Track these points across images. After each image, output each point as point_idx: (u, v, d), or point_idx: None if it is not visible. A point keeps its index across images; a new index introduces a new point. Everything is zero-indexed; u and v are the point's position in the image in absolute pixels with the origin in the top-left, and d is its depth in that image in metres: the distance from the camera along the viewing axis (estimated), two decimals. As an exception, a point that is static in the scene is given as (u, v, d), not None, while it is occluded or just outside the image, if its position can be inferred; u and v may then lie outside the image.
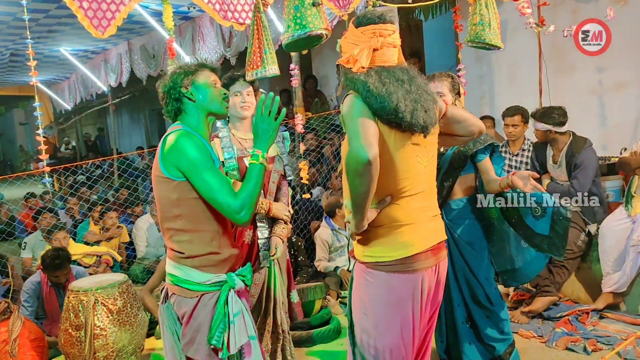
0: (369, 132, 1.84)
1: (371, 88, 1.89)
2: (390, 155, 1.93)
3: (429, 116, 1.95)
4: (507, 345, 2.98)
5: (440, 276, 2.11)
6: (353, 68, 1.95)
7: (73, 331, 3.10)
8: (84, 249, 5.12)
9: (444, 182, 2.94)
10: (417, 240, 1.99)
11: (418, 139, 1.97)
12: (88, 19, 3.87)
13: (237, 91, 2.80)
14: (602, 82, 4.98)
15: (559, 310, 3.89)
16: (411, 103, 1.90)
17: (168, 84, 2.06)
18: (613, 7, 4.16)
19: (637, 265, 3.73)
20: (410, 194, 1.99)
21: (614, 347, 3.28)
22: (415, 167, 1.99)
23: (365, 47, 1.94)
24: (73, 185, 7.19)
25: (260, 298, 2.79)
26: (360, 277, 2.05)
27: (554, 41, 4.87)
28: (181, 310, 1.99)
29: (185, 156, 1.90)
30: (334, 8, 4.49)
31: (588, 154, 3.90)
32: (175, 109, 2.06)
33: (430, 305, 2.11)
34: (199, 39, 6.95)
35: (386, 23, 1.99)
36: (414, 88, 1.94)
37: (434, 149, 2.09)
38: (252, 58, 3.12)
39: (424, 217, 2.02)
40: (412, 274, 1.98)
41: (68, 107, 12.28)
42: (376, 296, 2.01)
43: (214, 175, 1.90)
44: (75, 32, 7.13)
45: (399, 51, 2.04)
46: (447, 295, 2.97)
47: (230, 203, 1.87)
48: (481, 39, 4.07)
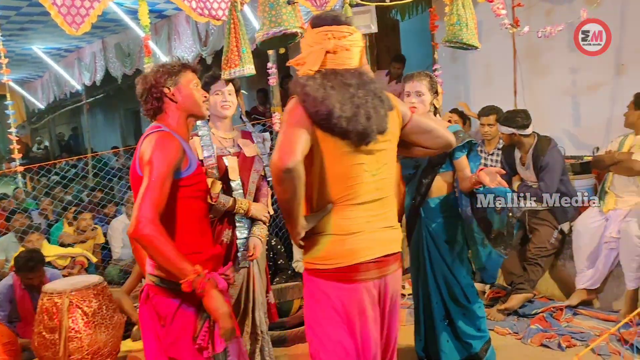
0: (294, 139, 1.79)
1: (307, 91, 1.83)
2: (330, 163, 1.87)
3: (372, 123, 1.85)
4: (484, 343, 3.02)
5: (391, 292, 1.99)
6: (299, 71, 1.91)
7: (47, 334, 3.04)
8: (58, 250, 5.03)
9: (423, 180, 2.96)
10: (357, 251, 1.90)
11: (364, 147, 1.88)
12: (62, 15, 3.80)
13: (219, 90, 2.78)
14: (575, 83, 5.07)
15: (533, 308, 3.95)
16: (351, 109, 1.82)
17: (149, 82, 2.03)
18: (586, 8, 4.24)
19: (610, 262, 3.82)
20: (354, 203, 1.90)
21: (588, 343, 3.35)
22: (359, 176, 1.90)
23: (317, 49, 1.88)
24: (47, 185, 7.05)
25: (239, 299, 2.77)
26: (305, 284, 2.01)
27: (528, 42, 4.94)
28: (164, 310, 1.96)
29: (148, 155, 1.87)
30: (310, 6, 4.48)
31: (553, 154, 4.00)
32: (154, 108, 2.04)
33: (382, 323, 2.01)
34: (175, 38, 6.88)
35: (341, 24, 1.91)
36: (362, 93, 1.86)
37: (387, 157, 1.98)
38: (229, 57, 3.10)
39: (369, 227, 1.92)
40: (350, 284, 1.89)
41: (41, 106, 12.05)
42: (316, 304, 1.95)
43: (157, 185, 1.83)
44: (48, 30, 7.01)
45: (361, 54, 1.96)
46: (425, 293, 3.00)
47: (144, 212, 1.79)
48: (459, 39, 4.11)
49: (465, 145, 2.91)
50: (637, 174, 3.71)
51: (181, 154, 1.94)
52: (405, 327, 3.90)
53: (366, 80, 1.90)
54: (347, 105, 1.82)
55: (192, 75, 2.09)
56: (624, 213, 3.73)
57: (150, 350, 2.05)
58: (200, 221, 2.02)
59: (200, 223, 2.02)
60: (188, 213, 1.97)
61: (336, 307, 1.90)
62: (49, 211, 6.73)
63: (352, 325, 1.91)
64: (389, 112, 1.93)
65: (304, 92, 1.84)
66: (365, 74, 1.92)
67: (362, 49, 1.98)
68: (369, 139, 1.86)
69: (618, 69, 4.73)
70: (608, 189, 3.89)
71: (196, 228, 2.00)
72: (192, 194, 2.01)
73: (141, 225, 1.77)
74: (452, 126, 3.03)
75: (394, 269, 2.00)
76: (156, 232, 1.78)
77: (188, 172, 1.99)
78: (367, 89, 1.88)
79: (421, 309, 3.05)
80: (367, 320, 1.92)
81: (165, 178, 1.86)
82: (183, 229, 1.97)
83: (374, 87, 1.91)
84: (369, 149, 1.89)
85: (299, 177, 1.78)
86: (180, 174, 1.96)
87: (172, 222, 1.95)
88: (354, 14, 4.48)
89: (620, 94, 3.92)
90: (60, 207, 6.55)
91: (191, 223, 1.99)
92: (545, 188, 3.92)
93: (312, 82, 1.85)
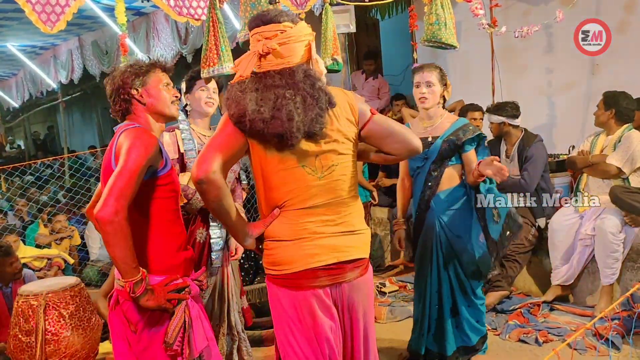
0: (211, 150, 1.76)
1: (227, 96, 1.81)
2: (266, 167, 1.82)
3: (295, 124, 1.73)
4: (481, 336, 3.08)
5: (349, 301, 1.89)
6: (234, 78, 1.84)
7: (23, 337, 2.99)
8: (34, 251, 4.94)
9: (432, 173, 2.96)
10: (304, 257, 1.82)
11: (303, 149, 1.79)
12: (36, 13, 3.73)
13: (204, 86, 2.75)
14: (551, 82, 5.15)
15: (511, 304, 4.00)
16: (270, 110, 1.73)
17: (117, 83, 2.00)
18: (562, 9, 4.30)
19: (584, 258, 3.89)
20: (301, 207, 1.82)
21: (564, 338, 3.41)
22: (301, 180, 1.81)
23: (249, 53, 1.82)
24: (22, 186, 6.92)
25: (213, 298, 2.75)
26: (267, 289, 1.98)
27: (505, 42, 5.00)
28: (134, 316, 1.92)
29: (127, 147, 1.85)
30: (291, 6, 4.47)
31: (538, 147, 4.10)
32: (123, 110, 2.01)
33: (345, 333, 1.93)
34: (154, 36, 6.80)
35: (268, 24, 1.81)
36: (289, 94, 1.75)
37: (336, 158, 1.85)
38: (208, 55, 3.08)
39: (319, 232, 1.83)
40: (296, 291, 1.83)
41: (16, 105, 11.81)
42: (274, 310, 1.92)
43: (130, 175, 1.81)
44: (23, 27, 6.86)
45: (306, 48, 1.84)
46: (434, 285, 3.00)
47: (114, 196, 1.77)
48: (437, 39, 4.14)
49: (475, 138, 2.92)
50: (612, 177, 3.77)
51: (158, 151, 1.92)
52: (385, 325, 3.94)
53: (298, 79, 1.78)
54: (265, 107, 1.73)
55: (163, 75, 2.05)
56: (599, 211, 3.80)
57: (121, 357, 2.01)
58: (173, 223, 2.00)
59: (174, 225, 2.00)
60: (162, 214, 1.95)
61: (289, 313, 1.86)
62: (24, 212, 6.61)
63: (306, 331, 1.85)
64: (324, 111, 1.80)
65: (225, 97, 1.82)
66: (299, 72, 1.79)
67: (308, 42, 1.85)
68: (291, 141, 1.75)
69: (592, 69, 4.82)
70: (582, 190, 3.95)
71: (170, 230, 1.98)
72: (166, 194, 1.99)
73: (110, 209, 1.74)
74: (461, 119, 3.04)
75: (352, 276, 1.88)
76: (123, 219, 1.76)
77: (164, 171, 1.97)
78: (297, 89, 1.77)
79: (428, 303, 3.04)
80: (320, 327, 1.84)
81: (139, 171, 1.82)
82: (157, 231, 1.95)
83: (308, 86, 1.78)
84: (308, 150, 1.80)
85: (218, 187, 1.74)
86: (157, 173, 1.94)
87: (146, 224, 1.93)
88: (334, 13, 4.48)
89: (594, 93, 4.00)
90: (36, 208, 6.45)
91: (165, 224, 1.96)
92: (528, 178, 4.00)
93: (238, 87, 1.80)
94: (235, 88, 1.80)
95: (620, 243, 3.64)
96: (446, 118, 3.03)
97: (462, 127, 2.96)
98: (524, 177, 4.02)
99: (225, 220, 1.85)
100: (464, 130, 2.93)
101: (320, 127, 1.79)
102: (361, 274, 1.92)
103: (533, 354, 3.33)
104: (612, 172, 3.71)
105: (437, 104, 2.98)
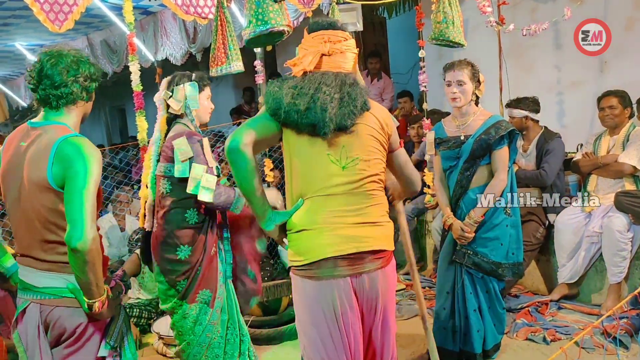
0: (244, 127, 1.89)
1: (269, 88, 1.94)
2: (296, 156, 1.94)
3: (328, 116, 1.83)
4: (496, 343, 3.11)
5: (370, 292, 1.93)
6: (293, 71, 1.97)
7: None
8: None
9: (464, 172, 2.93)
10: (321, 246, 1.88)
11: (332, 139, 1.89)
12: (44, 12, 3.75)
13: (209, 95, 2.76)
14: (560, 80, 5.12)
15: (519, 302, 3.99)
16: (306, 103, 1.84)
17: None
18: (570, 6, 4.28)
19: (590, 255, 3.86)
20: (320, 195, 1.91)
21: (572, 336, 3.39)
22: (325, 168, 1.91)
23: (313, 51, 1.95)
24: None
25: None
26: (292, 281, 2.04)
27: (513, 39, 4.98)
28: (74, 323, 1.91)
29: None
30: (297, 4, 4.48)
31: (559, 142, 4.11)
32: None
33: (363, 323, 1.98)
34: (162, 34, 6.80)
35: (336, 30, 2.01)
36: (329, 90, 1.87)
37: (360, 152, 1.94)
38: (217, 54, 3.10)
39: (338, 222, 1.90)
40: (318, 281, 1.89)
41: (24, 104, 11.88)
42: (297, 302, 1.99)
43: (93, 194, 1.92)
44: (31, 26, 6.89)
45: (354, 60, 2.04)
46: (460, 284, 2.99)
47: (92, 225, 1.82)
48: (445, 37, 4.14)
49: (506, 136, 2.87)
50: (626, 176, 3.74)
51: None
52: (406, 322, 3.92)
53: (348, 83, 1.92)
54: (301, 100, 1.85)
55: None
56: (607, 209, 3.77)
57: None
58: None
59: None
60: None
61: (310, 303, 1.92)
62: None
63: (327, 321, 1.90)
64: (358, 111, 1.91)
65: (267, 88, 1.95)
66: (350, 78, 1.95)
67: (356, 56, 2.04)
68: (323, 130, 1.85)
69: (601, 66, 4.79)
70: (592, 191, 3.91)
71: None
72: None
73: (93, 240, 1.77)
74: (495, 116, 2.99)
75: (372, 267, 1.93)
76: (99, 247, 1.82)
77: None
78: (341, 90, 1.90)
79: (456, 301, 3.02)
80: (341, 317, 1.90)
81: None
82: None
83: (351, 88, 1.91)
84: (336, 140, 1.90)
85: (244, 160, 1.84)
86: None
87: None
88: (340, 11, 4.48)
89: (603, 91, 3.98)
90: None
91: None
92: (549, 170, 3.99)
93: (277, 83, 1.93)
94: (274, 85, 1.94)
95: (628, 241, 3.62)
96: (479, 115, 2.98)
97: (494, 124, 2.91)
98: (545, 169, 4.01)
99: (249, 196, 1.92)
100: (497, 127, 2.88)
101: (352, 122, 1.90)
102: (382, 266, 1.96)
103: (541, 352, 3.32)
104: (627, 171, 3.69)
105: (470, 102, 2.94)
